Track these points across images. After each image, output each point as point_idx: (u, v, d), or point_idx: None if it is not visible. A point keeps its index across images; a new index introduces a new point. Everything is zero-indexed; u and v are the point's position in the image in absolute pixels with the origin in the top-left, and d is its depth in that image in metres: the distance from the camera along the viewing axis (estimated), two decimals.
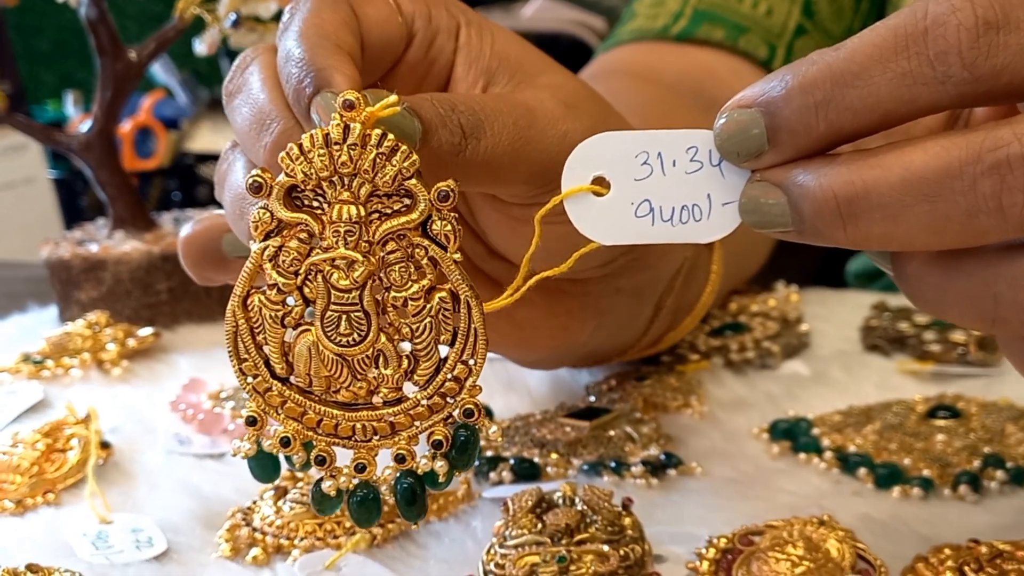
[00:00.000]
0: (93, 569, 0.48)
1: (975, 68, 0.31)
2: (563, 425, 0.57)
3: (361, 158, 0.36)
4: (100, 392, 0.68)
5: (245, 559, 0.48)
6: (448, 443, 0.37)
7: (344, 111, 0.36)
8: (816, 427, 0.56)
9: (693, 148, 0.35)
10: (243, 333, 0.38)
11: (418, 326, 0.37)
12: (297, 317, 0.38)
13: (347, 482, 0.38)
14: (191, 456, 0.59)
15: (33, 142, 2.63)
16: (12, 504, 0.54)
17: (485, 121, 0.41)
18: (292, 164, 0.36)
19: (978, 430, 0.54)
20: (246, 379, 0.38)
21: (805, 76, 0.33)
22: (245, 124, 0.43)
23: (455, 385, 0.37)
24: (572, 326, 0.53)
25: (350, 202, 0.36)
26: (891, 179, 0.32)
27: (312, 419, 0.38)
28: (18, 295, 0.88)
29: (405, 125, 0.37)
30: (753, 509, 0.49)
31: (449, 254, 0.36)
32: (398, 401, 0.38)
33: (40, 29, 3.52)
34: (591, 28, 2.87)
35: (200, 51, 0.79)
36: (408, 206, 0.36)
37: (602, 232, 0.36)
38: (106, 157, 0.81)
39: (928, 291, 0.35)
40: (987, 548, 0.42)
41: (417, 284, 0.37)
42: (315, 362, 0.37)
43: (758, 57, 0.79)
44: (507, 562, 0.43)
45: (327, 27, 0.42)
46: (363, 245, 0.36)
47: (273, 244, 0.37)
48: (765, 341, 0.66)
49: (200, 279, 0.49)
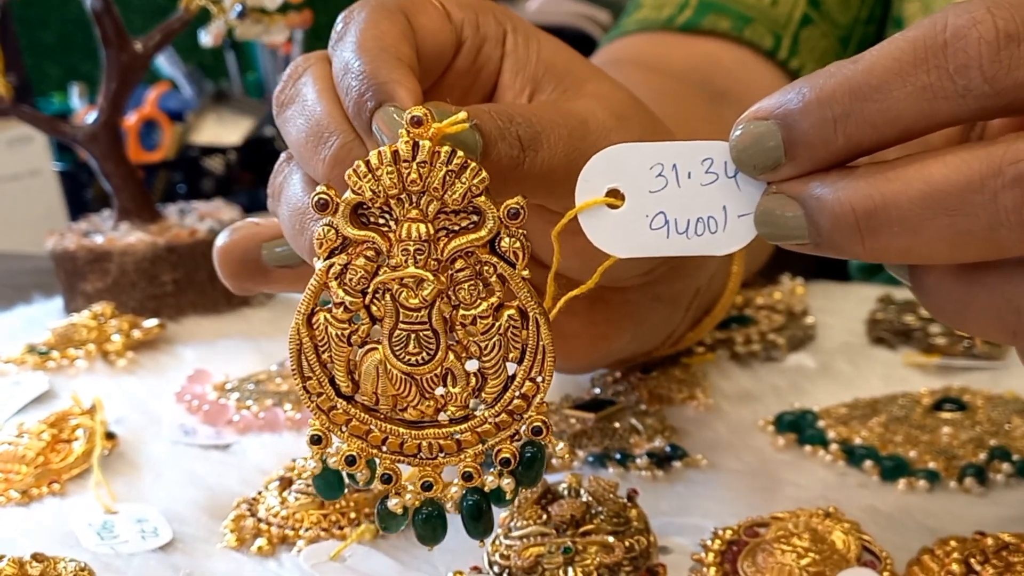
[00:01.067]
0: (98, 559, 0.48)
1: (996, 82, 0.31)
2: (568, 417, 0.56)
3: (430, 176, 0.35)
4: (105, 383, 0.69)
5: (250, 549, 0.48)
6: (515, 460, 0.37)
7: (412, 127, 0.35)
8: (822, 419, 0.56)
9: (708, 159, 0.35)
10: (307, 351, 0.37)
11: (486, 344, 0.37)
12: (364, 335, 0.37)
13: (413, 500, 0.38)
14: (196, 447, 0.59)
15: (38, 134, 2.64)
16: (18, 494, 0.55)
17: (542, 133, 0.40)
18: (360, 181, 0.36)
19: (984, 423, 0.53)
20: (310, 397, 0.38)
21: (823, 89, 0.33)
22: (301, 136, 0.41)
23: (523, 403, 0.37)
24: (611, 334, 0.53)
25: (419, 220, 0.36)
26: (911, 193, 0.32)
27: (377, 437, 0.38)
28: (23, 286, 0.88)
29: (467, 140, 0.37)
30: (758, 501, 0.49)
31: (518, 271, 0.36)
32: (465, 419, 0.37)
33: (45, 22, 3.53)
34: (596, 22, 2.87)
35: (205, 42, 0.79)
36: (476, 223, 0.36)
37: (617, 245, 0.36)
38: (111, 148, 0.81)
39: (948, 304, 0.35)
40: (993, 540, 0.42)
41: (486, 302, 0.36)
42: (383, 381, 0.37)
43: (764, 47, 0.79)
44: (512, 553, 0.43)
45: (386, 38, 0.41)
46: (432, 263, 0.36)
47: (339, 262, 0.37)
48: (771, 334, 0.66)
49: (238, 289, 0.48)
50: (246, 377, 0.67)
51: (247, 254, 0.47)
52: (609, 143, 0.43)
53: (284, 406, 0.62)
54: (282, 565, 0.47)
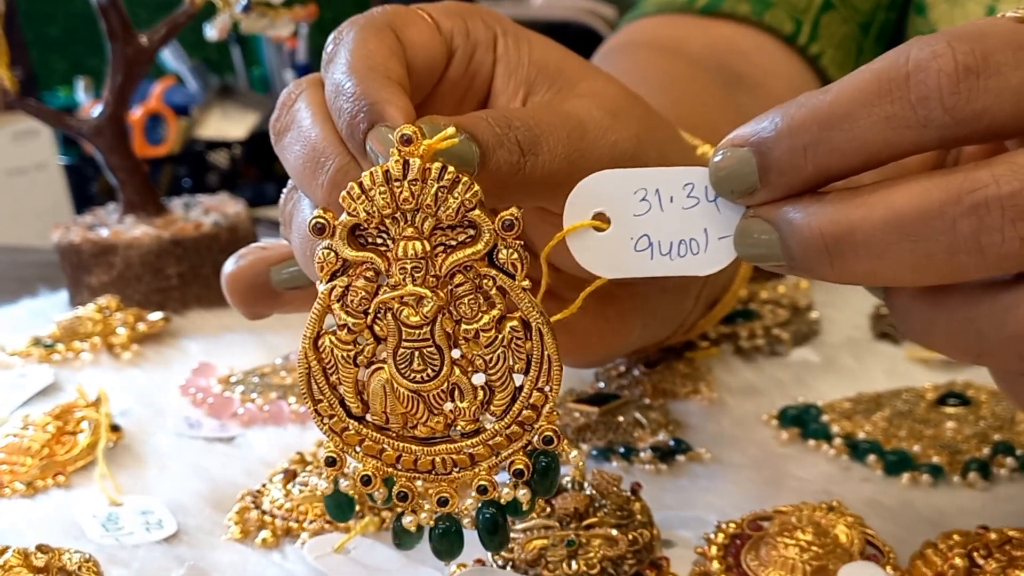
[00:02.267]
0: (103, 550, 0.48)
1: (955, 112, 0.32)
2: (573, 411, 0.57)
3: (423, 193, 0.35)
4: (110, 376, 0.69)
5: (254, 541, 0.49)
6: (529, 471, 0.37)
7: (402, 146, 0.35)
8: (825, 414, 0.56)
9: (690, 185, 0.36)
10: (316, 374, 0.37)
11: (491, 357, 0.37)
12: (369, 355, 0.37)
13: (428, 517, 0.38)
14: (201, 439, 0.60)
15: (44, 128, 2.64)
16: (23, 486, 0.55)
17: (541, 136, 0.40)
18: (354, 203, 0.36)
19: (988, 417, 0.53)
20: (323, 420, 0.38)
21: (794, 118, 0.34)
22: (299, 163, 0.41)
23: (532, 413, 0.37)
24: (622, 328, 0.53)
25: (415, 238, 0.36)
26: (875, 219, 0.33)
27: (391, 455, 0.38)
28: (29, 279, 0.88)
29: (463, 151, 0.37)
30: (762, 495, 0.49)
31: (517, 282, 0.36)
32: (476, 433, 0.38)
33: (51, 16, 3.53)
34: (601, 16, 2.87)
35: (211, 36, 0.79)
36: (473, 237, 0.36)
37: (604, 266, 0.37)
38: (117, 142, 0.81)
39: (916, 324, 0.36)
40: (996, 534, 0.42)
41: (487, 315, 0.36)
42: (391, 399, 0.37)
43: (783, 32, 0.79)
44: (516, 545, 0.43)
45: (376, 57, 0.41)
46: (431, 280, 0.36)
47: (340, 284, 0.37)
48: (775, 328, 0.66)
49: (250, 315, 0.48)
50: (250, 370, 0.67)
51: (256, 278, 0.47)
52: (607, 142, 0.43)
53: (288, 399, 0.62)
54: (286, 557, 0.48)
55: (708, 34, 0.79)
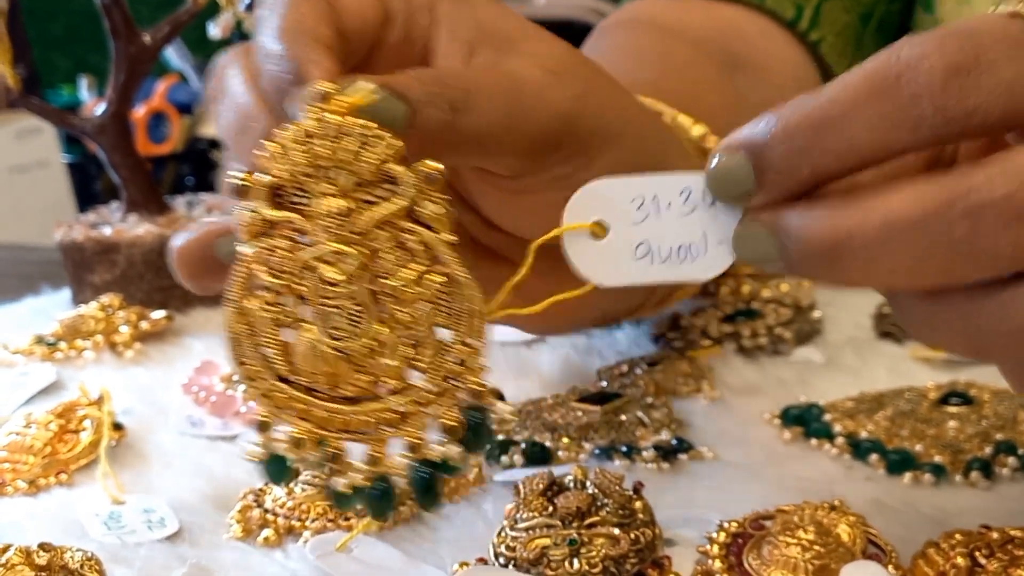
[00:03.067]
0: (105, 549, 0.48)
1: (946, 111, 0.32)
2: (575, 409, 0.57)
3: (340, 149, 0.35)
4: (113, 374, 0.69)
5: (257, 540, 0.49)
6: (461, 427, 0.37)
7: (322, 103, 0.35)
8: (828, 413, 0.56)
9: (687, 190, 0.36)
10: (242, 336, 0.37)
11: (415, 312, 0.36)
12: (293, 316, 0.37)
13: (366, 478, 0.38)
14: (203, 438, 0.60)
15: (47, 126, 2.64)
16: (25, 484, 0.55)
17: (472, 94, 0.40)
18: (274, 162, 0.36)
19: (990, 417, 0.53)
20: (248, 383, 0.38)
21: (788, 121, 0.34)
22: (230, 128, 0.42)
23: (460, 368, 0.37)
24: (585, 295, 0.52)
25: (333, 194, 0.36)
26: (870, 223, 0.33)
27: (320, 416, 0.37)
28: (32, 277, 0.88)
29: (388, 108, 0.37)
30: (764, 494, 0.49)
31: (441, 237, 0.36)
32: (404, 390, 0.37)
33: (54, 14, 3.53)
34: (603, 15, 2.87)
35: (214, 34, 0.79)
36: (395, 192, 0.36)
37: (602, 274, 0.37)
38: (120, 140, 0.81)
39: (919, 322, 0.36)
40: (998, 534, 0.42)
41: (409, 270, 0.36)
42: (317, 360, 0.37)
43: (785, 17, 0.79)
44: (518, 544, 0.43)
45: (305, 21, 0.41)
46: (351, 237, 0.36)
47: (262, 245, 0.37)
48: (777, 327, 0.66)
49: (199, 289, 0.47)
50: None
51: (205, 252, 0.46)
52: (545, 101, 0.43)
53: None
54: (288, 556, 0.48)
55: (710, 15, 0.79)
